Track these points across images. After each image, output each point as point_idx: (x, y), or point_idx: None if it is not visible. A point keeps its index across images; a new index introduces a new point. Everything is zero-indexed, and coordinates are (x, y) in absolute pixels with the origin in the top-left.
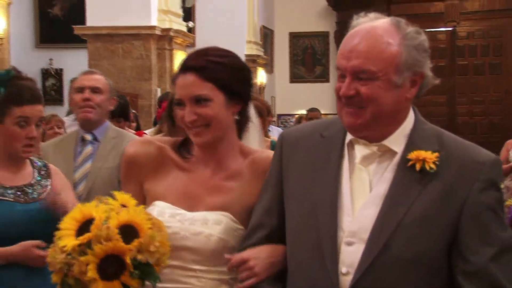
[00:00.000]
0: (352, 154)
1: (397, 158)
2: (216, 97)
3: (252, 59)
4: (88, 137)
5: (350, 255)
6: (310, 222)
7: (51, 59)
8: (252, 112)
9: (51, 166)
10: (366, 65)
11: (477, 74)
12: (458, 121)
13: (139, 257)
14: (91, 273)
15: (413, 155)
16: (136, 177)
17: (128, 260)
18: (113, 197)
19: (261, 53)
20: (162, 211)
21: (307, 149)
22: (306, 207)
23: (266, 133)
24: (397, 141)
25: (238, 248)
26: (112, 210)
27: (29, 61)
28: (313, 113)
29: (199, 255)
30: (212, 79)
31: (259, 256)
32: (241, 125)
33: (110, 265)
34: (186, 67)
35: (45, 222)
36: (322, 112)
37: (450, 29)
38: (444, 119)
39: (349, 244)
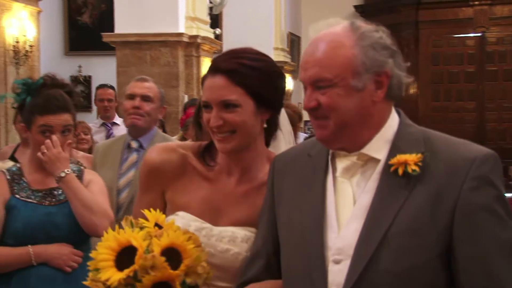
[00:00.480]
0: (335, 168)
1: (380, 166)
2: (245, 103)
3: (279, 65)
4: (134, 144)
5: (338, 274)
6: (299, 246)
7: (80, 66)
8: (284, 118)
9: (88, 171)
10: (321, 73)
11: (506, 80)
12: (487, 127)
13: (188, 280)
14: None
15: (395, 159)
16: (157, 186)
17: (178, 286)
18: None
19: (288, 60)
20: (187, 223)
21: (295, 172)
22: (295, 232)
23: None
24: (378, 148)
25: (239, 280)
26: (149, 234)
27: (59, 68)
28: None
29: (224, 272)
30: (243, 84)
31: None
32: (269, 132)
33: None
34: (216, 68)
35: (62, 225)
36: None
37: (479, 34)
38: (473, 125)
39: (337, 262)
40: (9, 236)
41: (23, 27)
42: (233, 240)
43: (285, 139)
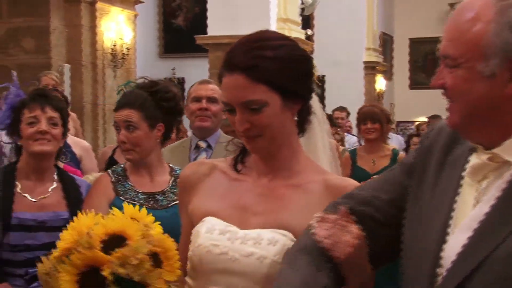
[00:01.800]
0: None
1: (511, 172)
2: (271, 100)
3: (371, 66)
4: (203, 144)
5: None
6: (416, 244)
7: (174, 69)
8: (317, 105)
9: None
10: (448, 48)
11: None
12: None
13: (119, 270)
14: (66, 285)
15: None
16: (186, 201)
17: (106, 272)
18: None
19: (380, 60)
20: (212, 228)
21: (446, 151)
22: (417, 231)
23: (385, 140)
24: None
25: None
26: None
27: (153, 70)
28: (435, 120)
29: (248, 281)
30: (265, 80)
31: (359, 249)
32: (302, 123)
33: (90, 280)
34: (232, 66)
35: (165, 230)
36: None
37: None
38: None
39: (439, 276)
40: None
41: (120, 31)
42: (258, 242)
43: (320, 126)
